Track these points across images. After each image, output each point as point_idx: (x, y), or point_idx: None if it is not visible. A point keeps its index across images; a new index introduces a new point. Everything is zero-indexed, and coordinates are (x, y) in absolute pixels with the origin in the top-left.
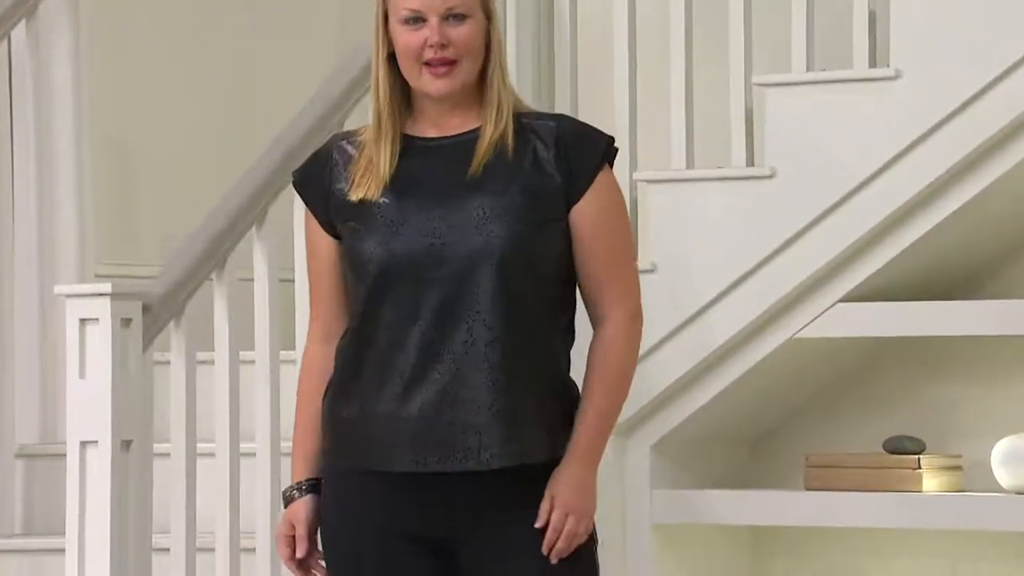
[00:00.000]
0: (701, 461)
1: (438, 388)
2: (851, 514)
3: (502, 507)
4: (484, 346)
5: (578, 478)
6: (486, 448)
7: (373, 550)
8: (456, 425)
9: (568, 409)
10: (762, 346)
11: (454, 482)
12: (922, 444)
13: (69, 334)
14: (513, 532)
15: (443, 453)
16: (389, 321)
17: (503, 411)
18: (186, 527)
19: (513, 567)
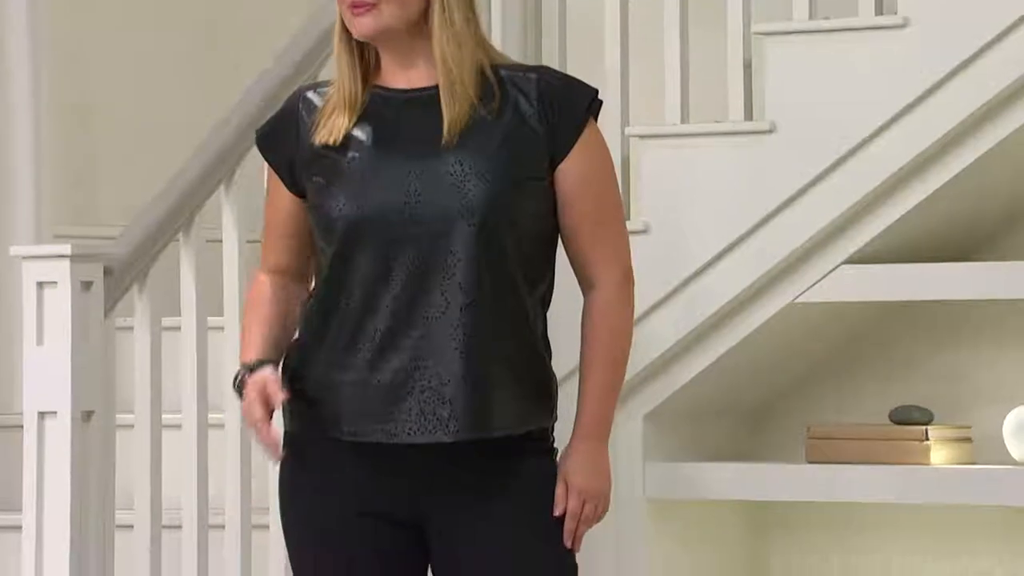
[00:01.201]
0: (697, 432)
1: (409, 354)
2: (855, 488)
3: (472, 482)
4: (459, 311)
5: (590, 458)
6: (455, 419)
7: (336, 522)
8: (426, 393)
9: (544, 380)
10: (761, 311)
11: (423, 454)
12: (930, 414)
13: (26, 298)
14: (483, 510)
15: (413, 423)
16: (359, 282)
17: (475, 381)
18: (151, 503)
19: (482, 548)
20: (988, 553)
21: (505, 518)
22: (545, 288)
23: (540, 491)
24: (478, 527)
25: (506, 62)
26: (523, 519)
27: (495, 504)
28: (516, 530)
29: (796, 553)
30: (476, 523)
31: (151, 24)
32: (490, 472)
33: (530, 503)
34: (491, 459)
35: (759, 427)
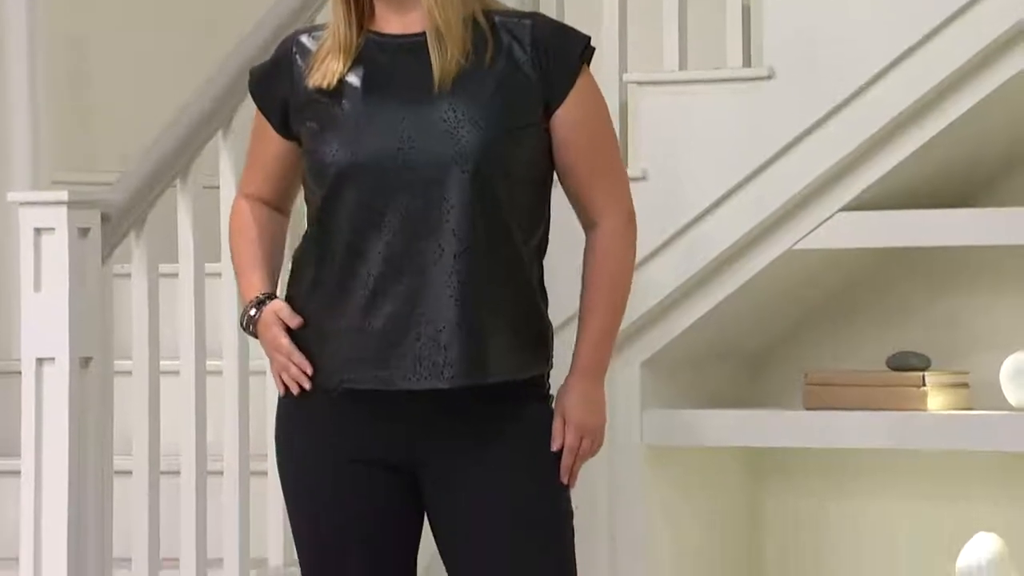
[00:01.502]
0: (694, 379)
1: (403, 301)
2: (852, 434)
3: (468, 427)
4: (453, 258)
5: (587, 395)
6: (450, 365)
7: (331, 472)
8: (421, 340)
9: (540, 327)
10: (759, 258)
11: (417, 401)
12: (927, 360)
13: (23, 245)
14: (479, 455)
15: (409, 370)
16: (351, 228)
17: (471, 328)
18: (149, 449)
19: (479, 493)
20: (985, 498)
21: (502, 463)
22: (540, 235)
23: (536, 436)
24: (474, 472)
25: (500, 8)
26: (520, 464)
27: (491, 449)
28: (513, 474)
29: (793, 499)
30: (472, 468)
31: None
32: (486, 417)
33: (527, 448)
34: (487, 404)
35: (757, 374)
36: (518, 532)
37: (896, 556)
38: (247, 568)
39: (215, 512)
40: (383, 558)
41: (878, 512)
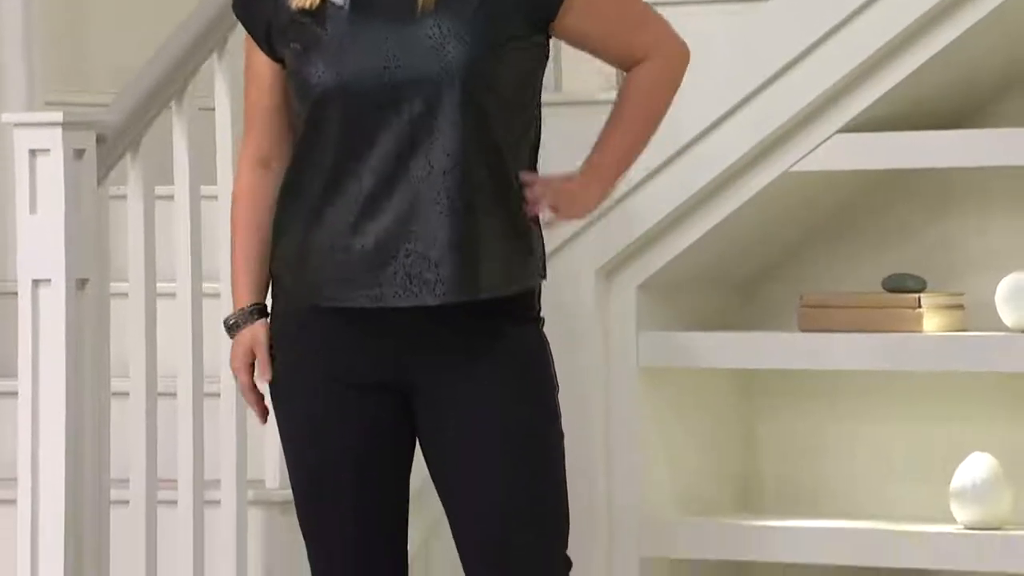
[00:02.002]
0: (690, 302)
1: (393, 218)
2: (847, 356)
3: (458, 344)
4: (442, 174)
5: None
6: (441, 282)
7: (323, 396)
8: (411, 257)
9: (530, 242)
10: (755, 180)
11: (409, 317)
12: (923, 282)
13: (18, 166)
14: (469, 371)
15: (399, 287)
16: (339, 149)
17: (461, 244)
18: (146, 370)
19: (468, 410)
20: (980, 419)
21: (492, 381)
22: (530, 150)
23: (527, 356)
24: (464, 390)
25: None
26: (510, 382)
27: (482, 367)
28: (503, 392)
29: (788, 420)
30: (462, 386)
31: None
32: (477, 333)
33: (518, 367)
34: (478, 320)
35: (752, 296)
36: (508, 451)
37: (890, 477)
38: (244, 489)
39: (212, 434)
40: (375, 481)
41: (872, 434)
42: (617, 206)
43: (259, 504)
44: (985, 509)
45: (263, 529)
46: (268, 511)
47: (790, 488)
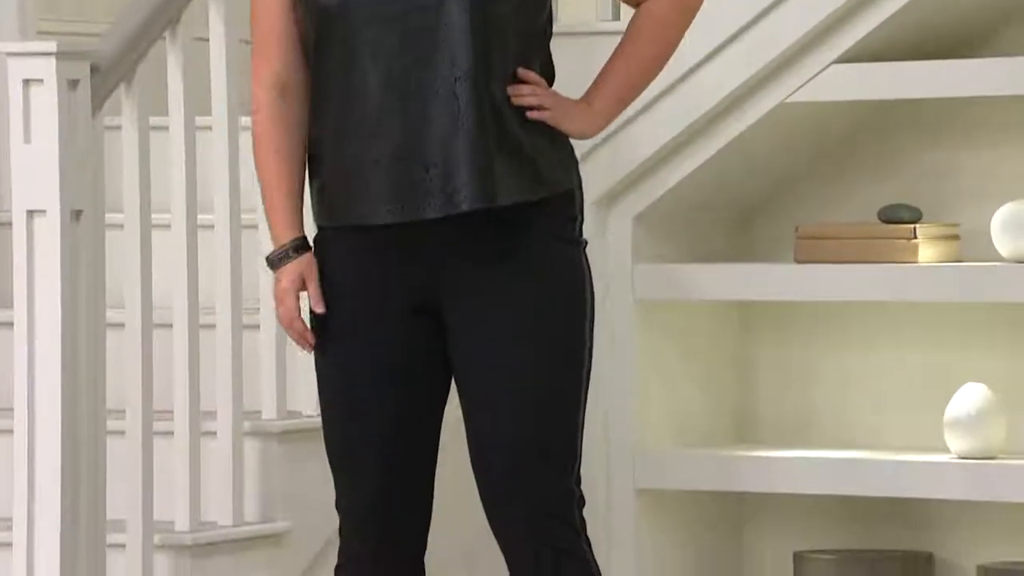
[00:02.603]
0: (686, 234)
1: (406, 131)
2: (842, 287)
3: (482, 256)
4: (454, 82)
5: (582, 110)
6: (458, 190)
7: (360, 322)
8: (430, 169)
9: (550, 147)
10: (751, 111)
11: (435, 235)
12: (918, 212)
13: (12, 96)
14: (494, 293)
15: (416, 199)
16: (349, 64)
17: (478, 151)
18: (142, 302)
19: (491, 333)
20: (974, 349)
21: (514, 300)
22: (543, 56)
23: (555, 277)
24: (487, 308)
25: None
26: (533, 303)
27: (506, 284)
28: (523, 314)
29: (783, 352)
30: (485, 303)
31: None
32: (504, 248)
33: (543, 287)
34: (505, 235)
35: (748, 228)
36: (522, 373)
37: (885, 407)
38: (240, 420)
39: (208, 365)
40: (410, 408)
41: (867, 364)
42: (613, 138)
43: (255, 435)
44: (979, 439)
45: (259, 460)
46: (264, 442)
47: (785, 419)
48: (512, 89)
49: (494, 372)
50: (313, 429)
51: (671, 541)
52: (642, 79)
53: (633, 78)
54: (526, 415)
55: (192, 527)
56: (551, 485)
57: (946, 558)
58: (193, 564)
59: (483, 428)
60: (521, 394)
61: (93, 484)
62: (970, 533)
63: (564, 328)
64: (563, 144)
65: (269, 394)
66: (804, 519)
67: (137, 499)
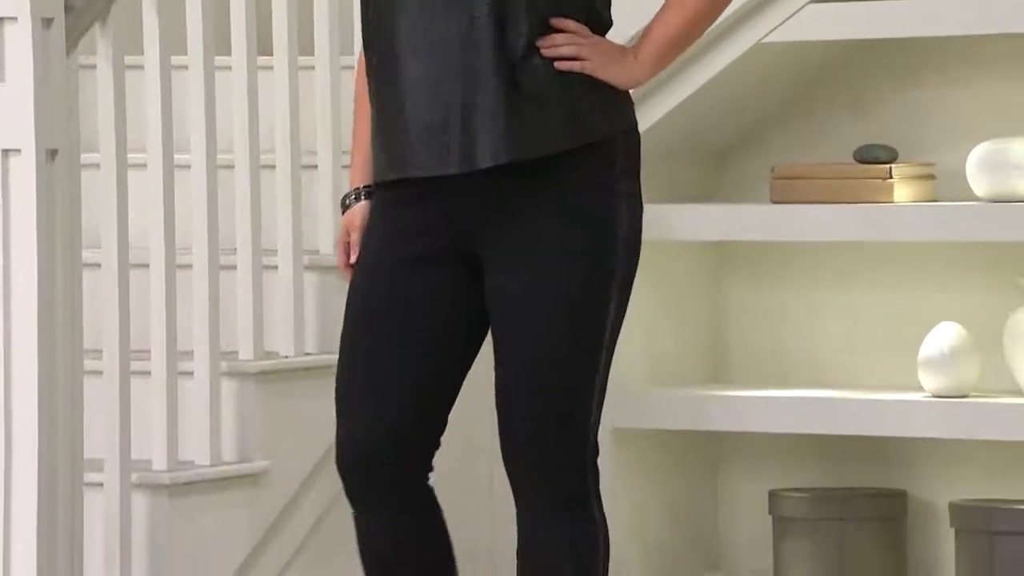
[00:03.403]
0: (662, 174)
1: (428, 87)
2: (818, 227)
3: (510, 206)
4: (469, 35)
5: (625, 55)
6: (477, 147)
7: (389, 271)
8: (447, 124)
9: (591, 93)
10: (727, 52)
11: (466, 185)
12: (894, 152)
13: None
14: (521, 234)
15: (439, 155)
16: (377, 23)
17: (493, 106)
18: (118, 242)
19: (525, 276)
20: (950, 289)
21: (540, 246)
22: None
23: (586, 223)
24: (519, 253)
25: None
26: (558, 249)
27: (537, 230)
28: (546, 260)
29: (759, 292)
30: (520, 251)
31: None
32: (534, 197)
33: (571, 233)
34: (536, 185)
35: (725, 169)
36: (541, 320)
37: (860, 347)
38: (217, 360)
39: (185, 305)
40: (442, 359)
41: (843, 304)
42: None
43: (232, 376)
44: (952, 377)
45: (236, 400)
46: (242, 382)
47: (759, 359)
48: (544, 40)
49: (515, 320)
50: (290, 370)
51: (646, 481)
52: (694, 28)
53: (685, 27)
54: (539, 366)
55: (170, 467)
56: (565, 436)
57: (919, 496)
58: (171, 503)
59: (500, 377)
60: (539, 343)
61: (70, 423)
62: (943, 471)
63: (584, 277)
64: (601, 89)
65: (246, 335)
66: (778, 458)
67: (115, 438)
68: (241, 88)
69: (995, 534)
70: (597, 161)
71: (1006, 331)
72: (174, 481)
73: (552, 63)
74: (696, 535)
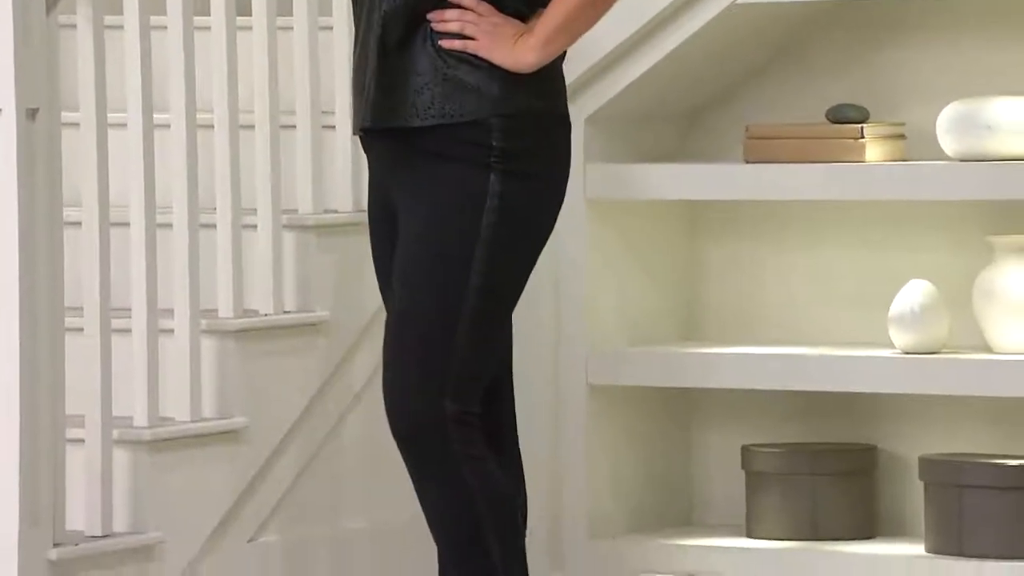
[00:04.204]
0: (637, 135)
1: (363, 57)
2: (791, 186)
3: (403, 170)
4: (379, 8)
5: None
6: (367, 111)
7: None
8: (362, 90)
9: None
10: (703, 12)
11: (378, 145)
12: (865, 112)
13: None
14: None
15: (363, 114)
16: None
17: (374, 77)
18: (98, 200)
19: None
20: (920, 247)
21: (417, 213)
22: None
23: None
24: (403, 215)
25: None
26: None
27: (414, 198)
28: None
29: (733, 250)
30: (403, 211)
31: None
32: (415, 165)
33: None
34: (420, 154)
35: (699, 129)
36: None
37: (831, 304)
38: (197, 318)
39: (164, 264)
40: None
41: (815, 262)
42: None
43: (212, 333)
44: (922, 334)
45: (216, 357)
46: (221, 340)
47: (733, 316)
48: (434, 15)
49: (396, 274)
50: (269, 328)
51: (622, 437)
52: (584, 14)
53: (575, 12)
54: (398, 328)
55: (150, 423)
56: (420, 399)
57: (889, 450)
58: (151, 459)
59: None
60: (399, 304)
61: (52, 381)
62: (912, 426)
63: (444, 238)
64: (480, 71)
65: (225, 293)
66: (752, 414)
67: (96, 395)
68: (220, 48)
69: (963, 487)
70: (470, 140)
71: (975, 288)
72: (155, 437)
73: (437, 40)
74: (670, 489)
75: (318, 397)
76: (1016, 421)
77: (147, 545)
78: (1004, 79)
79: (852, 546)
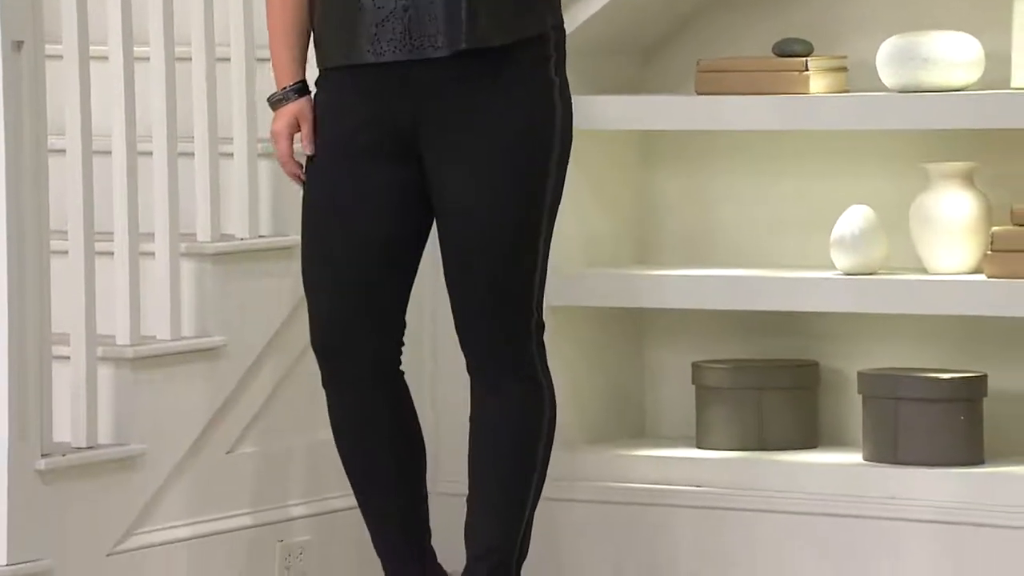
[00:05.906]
0: (593, 69)
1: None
2: (740, 117)
3: (456, 95)
4: None
5: None
6: (429, 36)
7: (349, 149)
8: (404, 14)
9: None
10: None
11: (411, 72)
12: (810, 46)
13: None
14: (468, 122)
15: (393, 43)
16: None
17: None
18: (82, 128)
19: (463, 165)
20: (861, 174)
21: (491, 133)
22: None
23: (528, 112)
24: (464, 140)
25: None
26: (502, 135)
27: (483, 119)
28: (491, 145)
29: (685, 179)
30: (463, 137)
31: None
32: (479, 88)
33: (515, 117)
34: (481, 76)
35: (652, 63)
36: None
37: (778, 229)
38: (176, 242)
39: (146, 191)
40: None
41: (762, 189)
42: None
43: (191, 256)
44: (862, 256)
45: (194, 279)
46: (199, 262)
47: (685, 241)
48: None
49: (459, 210)
50: (245, 251)
51: (579, 354)
52: None
53: None
54: (486, 250)
55: (133, 341)
56: (510, 311)
57: (830, 365)
58: (134, 376)
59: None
60: (484, 227)
61: (39, 300)
62: (852, 343)
63: (528, 162)
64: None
65: (204, 218)
66: (701, 332)
67: (80, 314)
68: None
69: (899, 400)
70: (535, 55)
71: (911, 213)
72: (137, 355)
73: None
74: (625, 403)
75: (293, 314)
76: (948, 337)
77: (130, 456)
78: (941, 14)
79: (796, 455)
